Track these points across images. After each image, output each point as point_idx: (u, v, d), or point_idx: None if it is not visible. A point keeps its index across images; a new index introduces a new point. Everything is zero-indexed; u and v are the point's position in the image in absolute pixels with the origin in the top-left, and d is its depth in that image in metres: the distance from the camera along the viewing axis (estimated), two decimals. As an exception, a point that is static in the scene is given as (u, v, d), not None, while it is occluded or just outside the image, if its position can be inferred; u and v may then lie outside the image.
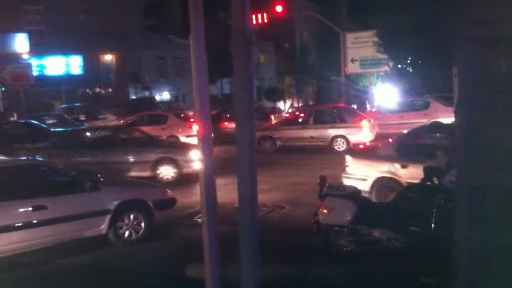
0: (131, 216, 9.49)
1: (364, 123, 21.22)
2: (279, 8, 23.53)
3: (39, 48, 37.71)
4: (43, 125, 23.08)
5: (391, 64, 30.64)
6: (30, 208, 8.44)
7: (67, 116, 28.81)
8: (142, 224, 9.59)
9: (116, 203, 9.31)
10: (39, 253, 8.71)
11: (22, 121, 24.15)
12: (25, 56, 37.41)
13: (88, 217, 9.04)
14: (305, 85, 53.32)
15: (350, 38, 32.08)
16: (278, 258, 8.29)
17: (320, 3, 48.21)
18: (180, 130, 22.40)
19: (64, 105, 35.03)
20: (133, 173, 14.97)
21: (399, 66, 30.21)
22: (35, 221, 8.42)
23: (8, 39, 37.30)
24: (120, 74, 42.34)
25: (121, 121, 24.94)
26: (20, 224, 8.35)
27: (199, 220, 9.94)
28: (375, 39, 29.96)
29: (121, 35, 39.26)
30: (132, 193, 9.82)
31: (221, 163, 9.94)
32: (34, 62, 36.98)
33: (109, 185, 9.86)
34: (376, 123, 22.26)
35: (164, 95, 45.80)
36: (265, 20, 18.35)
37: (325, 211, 8.10)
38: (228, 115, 26.46)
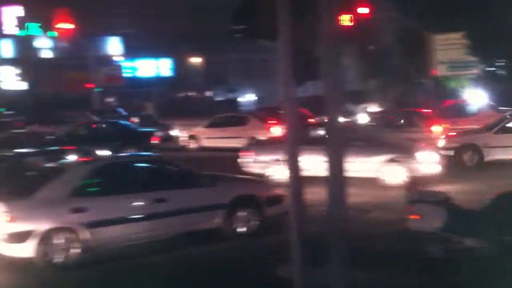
0: (244, 211, 9.69)
1: None
2: (363, 10, 23.19)
3: (131, 51, 39.51)
4: (132, 125, 23.73)
5: (481, 67, 29.43)
6: (151, 201, 8.82)
7: (154, 116, 29.82)
8: (254, 219, 9.76)
9: (230, 198, 9.47)
10: (155, 244, 9.04)
11: (112, 121, 25.17)
12: (118, 59, 39.31)
13: (205, 211, 9.29)
14: (389, 88, 52.21)
15: (438, 40, 31.12)
16: (365, 262, 8.18)
17: (406, 4, 47.09)
18: (260, 131, 22.47)
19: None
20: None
21: (491, 68, 28.99)
22: (155, 213, 8.88)
23: (103, 43, 39.39)
24: (207, 76, 43.38)
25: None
26: (142, 216, 8.75)
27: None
28: (464, 41, 28.88)
29: (209, 38, 40.27)
30: (244, 189, 9.99)
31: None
32: (126, 64, 38.75)
33: (223, 180, 10.13)
34: None
35: (248, 97, 46.46)
36: (350, 23, 18.13)
37: (414, 217, 7.93)
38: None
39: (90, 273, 8.17)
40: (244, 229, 9.70)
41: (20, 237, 8.05)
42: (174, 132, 25.67)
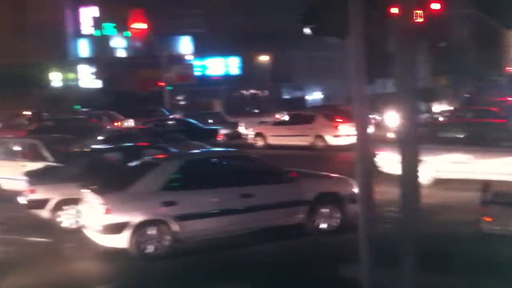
0: (327, 208, 9.69)
1: None
2: (435, 6, 22.58)
3: (201, 50, 40.32)
4: (197, 123, 24.07)
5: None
6: (238, 196, 9.14)
7: (222, 113, 30.30)
8: (336, 217, 9.85)
9: (313, 194, 9.63)
10: (238, 238, 9.38)
11: (179, 118, 25.74)
12: (189, 58, 40.21)
13: (289, 207, 9.46)
14: (461, 86, 50.61)
15: (514, 35, 29.88)
16: (436, 265, 8.03)
17: (481, 0, 45.34)
18: (327, 130, 22.33)
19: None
20: None
21: None
22: (241, 208, 9.18)
23: (174, 42, 40.44)
24: (274, 74, 43.55)
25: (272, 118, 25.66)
26: (228, 210, 9.06)
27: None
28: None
29: (276, 36, 40.42)
30: (327, 186, 10.10)
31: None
32: (196, 63, 39.58)
33: (306, 177, 10.24)
34: None
35: (315, 95, 46.26)
36: (422, 19, 17.69)
37: (488, 219, 7.72)
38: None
39: (179, 264, 8.57)
40: (326, 225, 9.82)
41: (115, 229, 8.52)
42: (241, 130, 26.04)
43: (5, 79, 47.98)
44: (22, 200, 11.00)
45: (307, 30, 6.71)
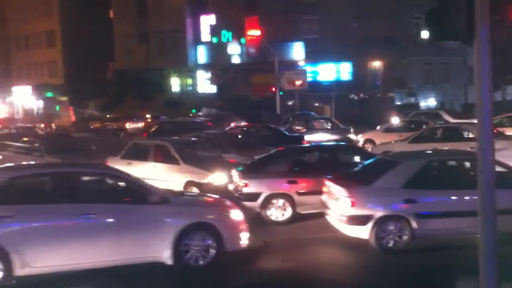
0: None
1: None
2: None
3: (313, 55, 40.56)
4: (282, 130, 23.91)
5: None
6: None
7: (333, 119, 30.26)
8: None
9: None
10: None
11: (264, 124, 25.64)
12: (301, 63, 40.59)
13: None
14: None
15: None
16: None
17: None
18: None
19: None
20: None
21: None
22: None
23: (287, 48, 41.02)
24: (386, 79, 42.76)
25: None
26: (469, 211, 8.73)
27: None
28: None
29: (389, 40, 39.72)
30: None
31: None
32: (308, 68, 39.87)
33: None
34: None
35: (429, 102, 44.77)
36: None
37: None
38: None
39: (416, 259, 8.96)
40: None
41: (359, 220, 9.16)
42: (351, 136, 25.84)
43: (131, 84, 51.36)
44: (234, 193, 11.88)
45: (425, 34, 6.68)
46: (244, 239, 8.73)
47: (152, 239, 8.06)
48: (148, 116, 41.41)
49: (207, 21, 47.19)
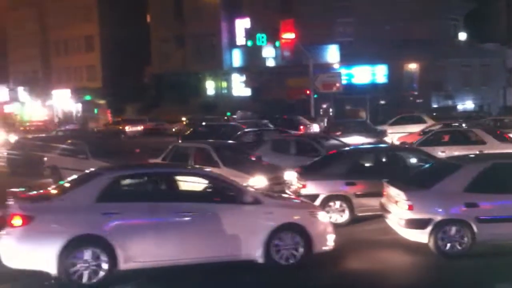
0: None
1: None
2: None
3: (347, 58, 40.42)
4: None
5: None
6: None
7: (368, 122, 30.01)
8: None
9: None
10: None
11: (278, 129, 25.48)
12: (336, 66, 40.51)
13: None
14: None
15: None
16: None
17: None
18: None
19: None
20: None
21: None
22: None
23: (322, 51, 41.00)
24: (423, 82, 42.27)
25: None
26: None
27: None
28: None
29: (426, 43, 39.26)
30: None
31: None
32: (343, 71, 39.75)
33: None
34: None
35: (467, 104, 44.07)
36: None
37: None
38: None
39: (473, 264, 8.87)
40: None
41: (418, 224, 9.08)
42: (387, 139, 25.65)
43: (167, 87, 52.07)
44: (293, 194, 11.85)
45: (462, 37, 6.69)
46: (331, 240, 8.79)
47: (246, 238, 8.31)
48: (183, 119, 41.99)
49: (242, 24, 47.56)
